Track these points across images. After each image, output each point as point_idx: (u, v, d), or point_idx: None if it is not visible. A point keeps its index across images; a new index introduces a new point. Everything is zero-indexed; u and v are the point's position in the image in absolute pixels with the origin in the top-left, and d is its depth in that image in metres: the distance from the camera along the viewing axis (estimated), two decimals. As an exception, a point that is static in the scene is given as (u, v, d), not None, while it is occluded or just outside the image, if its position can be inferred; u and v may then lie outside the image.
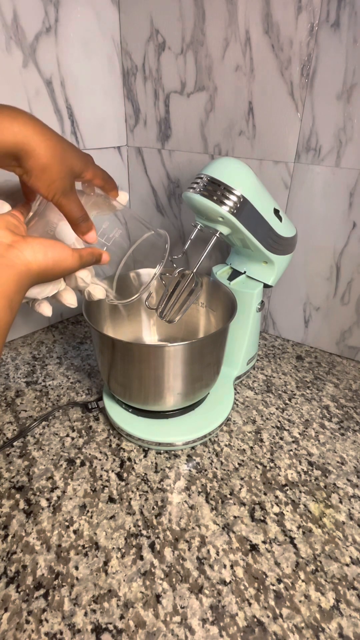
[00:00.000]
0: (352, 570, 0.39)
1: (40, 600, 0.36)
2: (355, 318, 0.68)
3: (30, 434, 0.54)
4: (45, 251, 0.31)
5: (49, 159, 0.31)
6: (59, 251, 0.32)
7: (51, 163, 0.31)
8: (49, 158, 0.31)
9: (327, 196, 0.62)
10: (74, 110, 0.68)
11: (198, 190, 0.48)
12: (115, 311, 0.60)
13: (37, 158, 0.31)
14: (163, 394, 0.49)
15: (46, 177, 0.32)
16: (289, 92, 0.59)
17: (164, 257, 0.42)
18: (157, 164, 0.77)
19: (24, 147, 0.30)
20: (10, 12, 0.55)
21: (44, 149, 0.31)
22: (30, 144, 0.30)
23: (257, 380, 0.66)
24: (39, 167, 0.31)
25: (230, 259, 0.62)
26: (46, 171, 0.32)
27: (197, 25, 0.62)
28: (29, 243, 0.30)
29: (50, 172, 0.32)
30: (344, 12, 0.51)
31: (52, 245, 0.32)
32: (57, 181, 0.32)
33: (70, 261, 0.33)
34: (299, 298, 0.72)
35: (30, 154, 0.31)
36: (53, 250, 0.32)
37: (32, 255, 0.30)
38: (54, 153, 0.31)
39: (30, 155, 0.31)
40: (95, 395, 0.62)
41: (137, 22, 0.68)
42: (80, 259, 0.34)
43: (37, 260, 0.30)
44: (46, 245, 0.31)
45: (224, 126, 0.66)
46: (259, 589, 0.37)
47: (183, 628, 0.35)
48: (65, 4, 0.61)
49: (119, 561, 0.40)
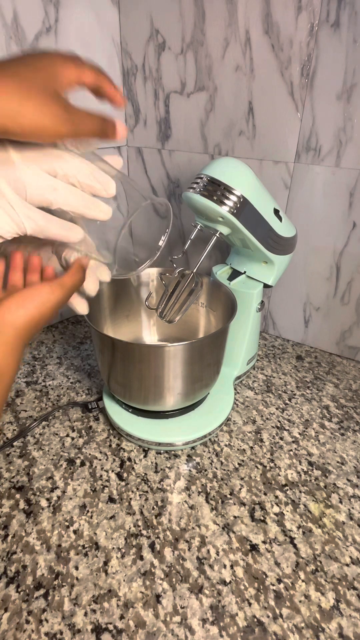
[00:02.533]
0: (352, 570, 0.39)
1: (40, 600, 0.36)
2: (355, 318, 0.68)
3: (30, 434, 0.54)
4: (23, 304, 0.30)
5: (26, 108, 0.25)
6: (37, 297, 0.31)
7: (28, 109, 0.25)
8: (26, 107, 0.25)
9: (327, 196, 0.62)
10: (74, 110, 0.68)
11: (198, 190, 0.48)
12: (116, 311, 0.60)
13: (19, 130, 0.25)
14: (163, 394, 0.49)
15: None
16: (289, 92, 0.59)
17: (169, 226, 0.39)
18: (157, 164, 0.77)
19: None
20: (10, 12, 0.55)
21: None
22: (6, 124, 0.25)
23: (257, 380, 0.66)
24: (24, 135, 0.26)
25: (230, 259, 0.62)
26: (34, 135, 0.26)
27: (197, 25, 0.62)
28: (3, 305, 0.30)
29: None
30: (344, 12, 0.51)
31: (28, 296, 0.31)
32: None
33: (53, 299, 0.32)
34: (299, 298, 0.72)
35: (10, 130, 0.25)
36: (31, 299, 0.31)
37: (12, 315, 0.30)
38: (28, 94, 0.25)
39: (10, 131, 0.25)
40: (95, 395, 0.62)
41: (137, 22, 0.68)
42: (62, 290, 0.33)
43: (19, 318, 0.30)
44: (22, 298, 0.30)
45: (224, 126, 0.66)
46: (259, 589, 0.37)
47: (183, 628, 0.35)
48: (65, 4, 0.61)
49: (119, 561, 0.40)
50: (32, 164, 0.29)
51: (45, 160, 0.29)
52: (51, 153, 0.29)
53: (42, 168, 0.29)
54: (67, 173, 0.30)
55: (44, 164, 0.29)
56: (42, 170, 0.29)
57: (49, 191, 0.29)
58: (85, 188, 0.31)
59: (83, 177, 0.30)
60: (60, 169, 0.29)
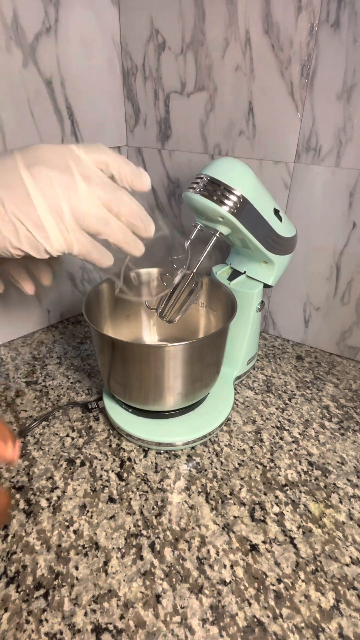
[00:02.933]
0: (352, 570, 0.39)
1: (40, 600, 0.36)
2: (355, 318, 0.68)
3: (30, 434, 0.54)
4: None
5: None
6: None
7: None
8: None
9: (327, 196, 0.62)
10: (74, 110, 0.68)
11: (198, 190, 0.48)
12: (116, 311, 0.60)
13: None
14: (163, 394, 0.49)
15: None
16: (289, 92, 0.59)
17: (185, 264, 0.42)
18: (157, 164, 0.77)
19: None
20: (10, 12, 0.55)
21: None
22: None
23: (257, 380, 0.66)
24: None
25: (230, 259, 0.62)
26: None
27: (197, 25, 0.62)
28: None
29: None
30: (344, 12, 0.51)
31: None
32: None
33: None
34: (299, 298, 0.72)
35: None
36: None
37: None
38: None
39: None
40: (95, 395, 0.62)
41: (137, 22, 0.68)
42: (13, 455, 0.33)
43: None
44: None
45: (224, 126, 0.66)
46: (259, 589, 0.37)
47: (183, 628, 0.35)
48: (65, 4, 0.61)
49: (119, 561, 0.40)
50: (94, 196, 0.32)
51: (105, 196, 0.32)
52: (113, 189, 0.33)
53: (102, 201, 0.32)
54: (120, 211, 0.33)
55: (104, 199, 0.32)
56: (101, 204, 0.32)
57: (102, 224, 0.33)
58: (129, 225, 0.34)
59: (131, 217, 0.34)
60: (115, 206, 0.33)
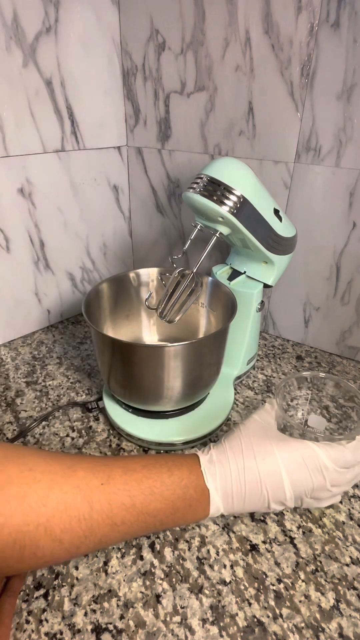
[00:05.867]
0: (352, 570, 0.39)
1: (40, 600, 0.36)
2: (355, 318, 0.68)
3: (30, 434, 0.54)
4: None
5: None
6: None
7: None
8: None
9: (327, 196, 0.62)
10: (74, 110, 0.68)
11: (198, 190, 0.48)
12: (116, 311, 0.60)
13: None
14: (163, 394, 0.49)
15: None
16: (289, 92, 0.59)
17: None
18: (157, 164, 0.77)
19: None
20: (10, 12, 0.55)
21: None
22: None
23: (257, 380, 0.66)
24: None
25: (230, 259, 0.62)
26: None
27: (197, 25, 0.62)
28: None
29: None
30: (344, 12, 0.51)
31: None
32: None
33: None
34: (299, 298, 0.72)
35: None
36: None
37: None
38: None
39: None
40: (95, 395, 0.62)
41: (137, 22, 0.68)
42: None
43: None
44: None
45: (224, 126, 0.66)
46: (259, 589, 0.37)
47: (183, 628, 0.35)
48: (65, 4, 0.61)
49: (119, 561, 0.40)
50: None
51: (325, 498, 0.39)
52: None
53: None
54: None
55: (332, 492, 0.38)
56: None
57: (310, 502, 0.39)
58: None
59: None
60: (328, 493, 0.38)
